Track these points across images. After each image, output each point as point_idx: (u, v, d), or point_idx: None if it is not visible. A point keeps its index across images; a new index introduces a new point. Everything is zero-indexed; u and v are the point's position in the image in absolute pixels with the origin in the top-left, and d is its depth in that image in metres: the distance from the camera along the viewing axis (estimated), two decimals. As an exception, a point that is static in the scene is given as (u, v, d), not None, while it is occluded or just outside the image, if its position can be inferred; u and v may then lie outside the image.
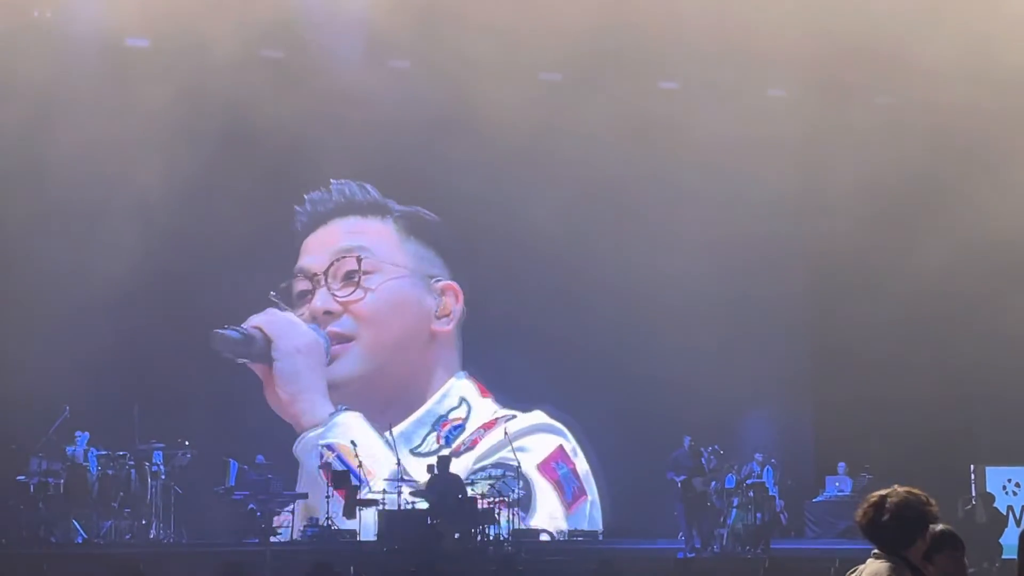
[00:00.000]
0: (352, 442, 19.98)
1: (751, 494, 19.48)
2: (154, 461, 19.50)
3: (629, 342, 21.91)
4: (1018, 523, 20.75)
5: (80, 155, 19.60)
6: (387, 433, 20.92)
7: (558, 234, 21.55)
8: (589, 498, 21.89)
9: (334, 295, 21.77)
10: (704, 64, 21.26)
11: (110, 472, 19.08)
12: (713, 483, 19.51)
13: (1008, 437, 21.10)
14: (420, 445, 21.53)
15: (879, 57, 20.69)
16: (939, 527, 5.11)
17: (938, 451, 20.51)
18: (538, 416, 21.99)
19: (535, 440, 21.85)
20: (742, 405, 22.00)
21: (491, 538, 18.31)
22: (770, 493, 20.29)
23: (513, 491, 19.20)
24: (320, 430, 20.87)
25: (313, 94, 20.44)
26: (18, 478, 18.85)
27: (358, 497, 18.95)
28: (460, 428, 21.93)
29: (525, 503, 20.88)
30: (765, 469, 20.72)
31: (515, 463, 20.21)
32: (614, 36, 20.53)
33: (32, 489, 18.64)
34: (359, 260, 21.88)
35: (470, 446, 21.73)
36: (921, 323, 20.99)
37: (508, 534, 18.72)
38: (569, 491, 21.71)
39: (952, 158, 20.70)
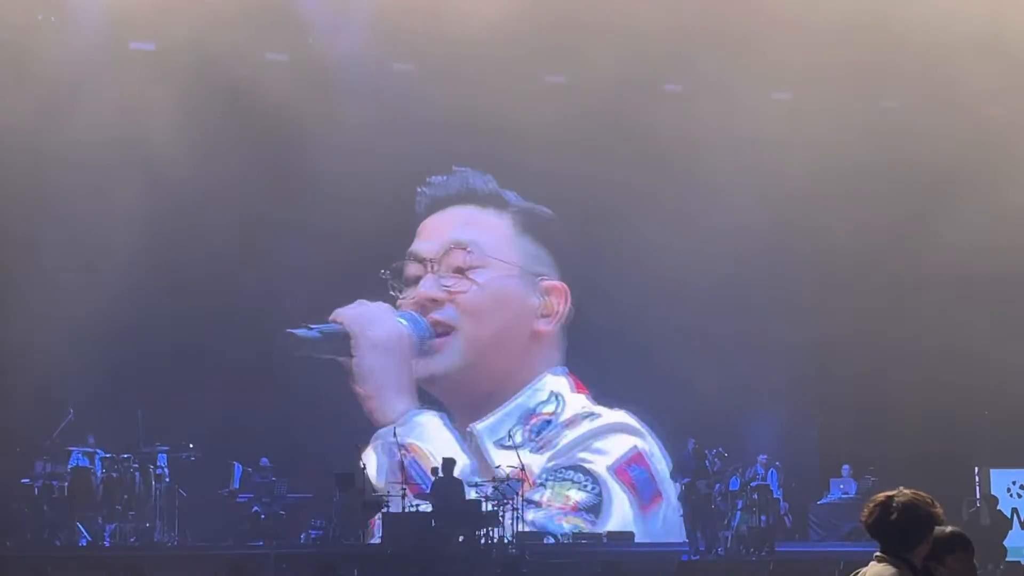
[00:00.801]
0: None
1: (755, 496, 19.47)
2: (158, 464, 19.54)
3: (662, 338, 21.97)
4: (1022, 525, 20.72)
5: (85, 157, 19.65)
6: (470, 429, 21.07)
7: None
8: (664, 500, 21.59)
9: (442, 284, 21.88)
10: (707, 66, 21.27)
11: (114, 475, 19.10)
12: (717, 485, 19.49)
13: (1012, 439, 21.07)
14: (505, 437, 21.52)
15: (883, 59, 20.67)
16: (948, 529, 5.12)
17: (942, 453, 20.47)
18: (619, 416, 21.86)
19: (612, 442, 21.71)
20: (746, 407, 21.98)
21: (495, 541, 18.31)
22: (774, 495, 20.27)
23: (516, 495, 19.17)
24: (397, 428, 20.82)
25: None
26: (23, 481, 18.90)
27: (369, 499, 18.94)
28: (550, 424, 21.85)
29: (596, 507, 20.92)
30: (769, 471, 20.70)
31: (587, 463, 20.23)
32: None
33: (37, 492, 18.69)
34: (470, 254, 21.97)
35: (550, 443, 21.67)
36: (926, 325, 20.95)
37: (512, 537, 18.71)
38: (646, 494, 21.51)
39: (955, 160, 20.68)
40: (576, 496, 21.06)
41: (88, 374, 19.63)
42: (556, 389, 22.06)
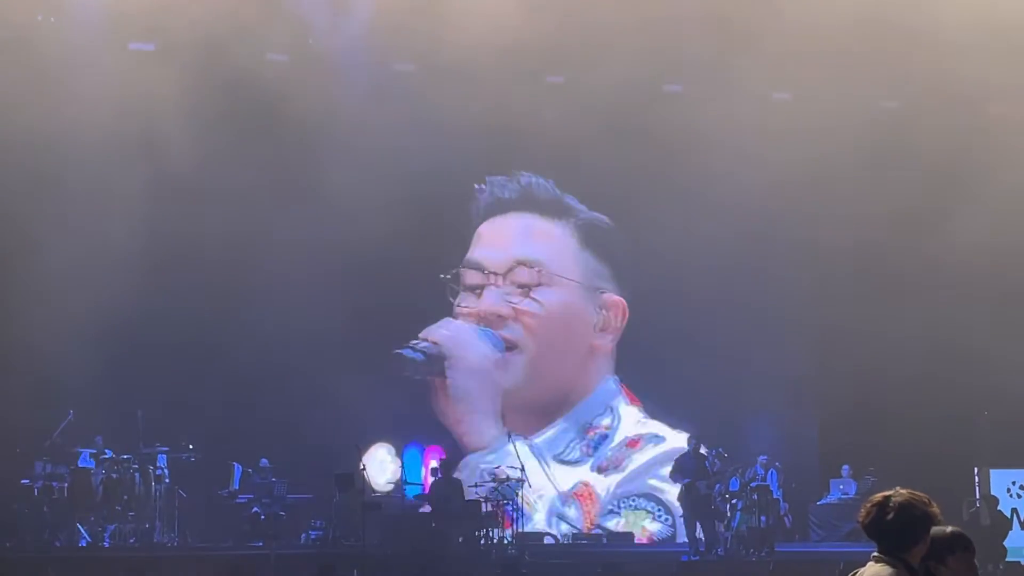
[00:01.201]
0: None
1: (755, 497, 19.45)
2: (158, 464, 19.54)
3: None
4: (1022, 526, 20.72)
5: (85, 157, 19.66)
6: (527, 443, 21.01)
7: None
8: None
9: (507, 300, 21.90)
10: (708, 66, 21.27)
11: (114, 475, 19.10)
12: (717, 486, 19.48)
13: (1012, 440, 21.07)
14: (564, 451, 21.57)
15: (883, 60, 20.67)
16: (949, 529, 5.14)
17: (942, 453, 20.47)
18: (683, 439, 21.41)
19: None
20: (746, 408, 21.98)
21: (495, 541, 18.31)
22: (774, 496, 20.27)
23: (516, 495, 19.17)
24: (488, 455, 20.90)
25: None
26: (22, 482, 18.89)
27: (368, 500, 18.93)
28: (607, 438, 21.87)
29: (671, 538, 20.93)
30: (769, 472, 20.70)
31: (660, 494, 20.23)
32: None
33: (37, 493, 18.68)
34: (538, 273, 21.95)
35: (615, 465, 21.60)
36: (926, 325, 20.94)
37: (511, 537, 18.71)
38: None
39: (955, 159, 20.68)
40: (651, 527, 21.11)
41: (88, 375, 19.61)
42: (610, 401, 22.13)
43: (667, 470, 20.91)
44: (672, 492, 20.62)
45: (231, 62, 19.63)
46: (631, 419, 21.98)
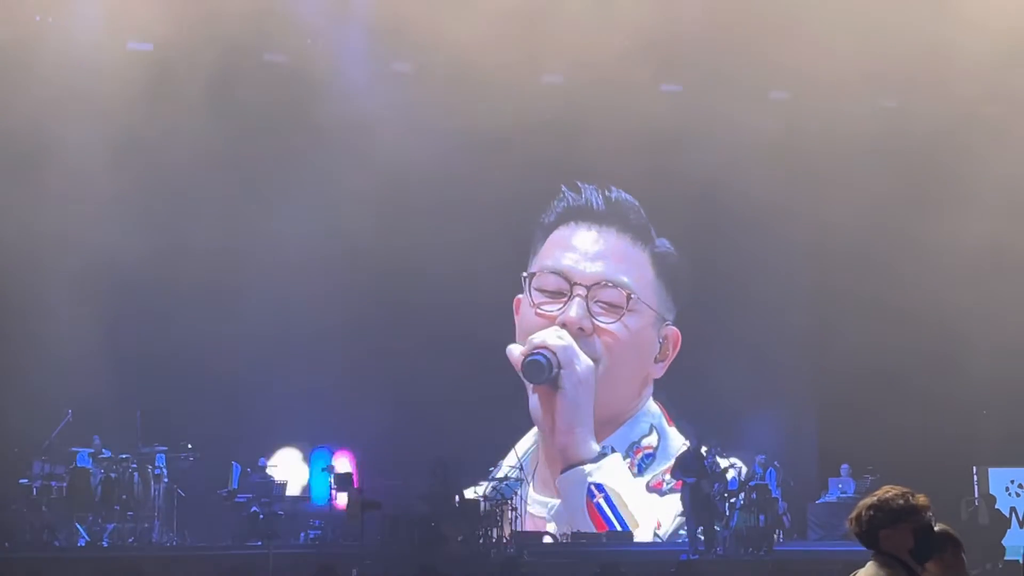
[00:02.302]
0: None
1: (754, 496, 19.47)
2: (157, 464, 19.54)
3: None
4: (1021, 524, 20.73)
5: (83, 158, 19.64)
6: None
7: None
8: None
9: (594, 316, 21.95)
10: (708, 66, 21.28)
11: (113, 475, 19.09)
12: (716, 485, 19.49)
13: (1011, 438, 21.07)
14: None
15: (881, 61, 20.67)
16: (937, 527, 5.11)
17: (941, 452, 20.48)
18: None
19: None
20: (745, 407, 21.98)
21: (494, 541, 18.30)
22: (773, 495, 20.28)
23: (516, 494, 19.17)
24: (589, 467, 21.01)
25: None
26: (21, 481, 18.88)
27: (361, 499, 18.93)
28: (652, 457, 21.99)
29: None
30: (768, 471, 20.71)
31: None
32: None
33: (35, 492, 18.67)
34: (629, 298, 22.06)
35: (675, 487, 20.89)
36: (925, 324, 20.96)
37: (510, 536, 18.70)
38: None
39: (956, 161, 20.69)
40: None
41: (86, 375, 19.59)
42: (653, 421, 22.25)
43: None
44: None
45: (230, 62, 19.63)
46: (676, 440, 22.04)
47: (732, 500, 19.40)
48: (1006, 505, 20.44)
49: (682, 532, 20.37)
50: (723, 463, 19.74)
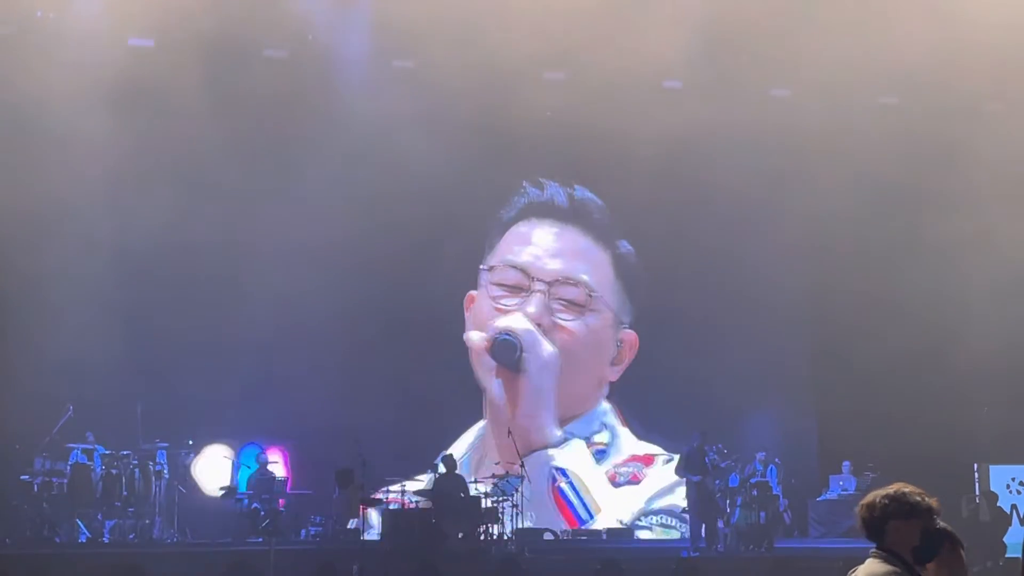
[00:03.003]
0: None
1: (755, 493, 19.47)
2: (158, 460, 19.53)
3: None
4: (1022, 522, 20.73)
5: (84, 154, 19.64)
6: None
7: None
8: None
9: (553, 313, 21.81)
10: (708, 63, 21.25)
11: (114, 471, 19.09)
12: (717, 482, 19.50)
13: (1012, 435, 21.08)
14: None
15: (883, 58, 20.66)
16: (938, 526, 5.12)
17: (942, 449, 20.48)
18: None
19: None
20: (746, 404, 21.98)
21: (495, 537, 18.31)
22: (774, 492, 20.29)
23: (516, 490, 19.16)
24: (552, 451, 20.89)
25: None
26: (22, 478, 18.89)
27: (368, 496, 18.92)
28: (603, 453, 21.88)
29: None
30: (769, 468, 20.72)
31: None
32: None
33: (36, 489, 18.67)
34: (590, 296, 21.94)
35: (630, 479, 21.63)
36: (925, 321, 20.95)
37: (511, 533, 18.71)
38: None
39: (956, 159, 20.68)
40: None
41: (87, 370, 19.60)
42: (606, 420, 22.16)
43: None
44: None
45: (231, 58, 19.63)
46: (628, 439, 22.04)
47: (733, 497, 19.40)
48: (1007, 502, 20.46)
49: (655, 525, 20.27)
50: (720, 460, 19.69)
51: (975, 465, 21.28)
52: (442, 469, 19.02)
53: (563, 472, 21.05)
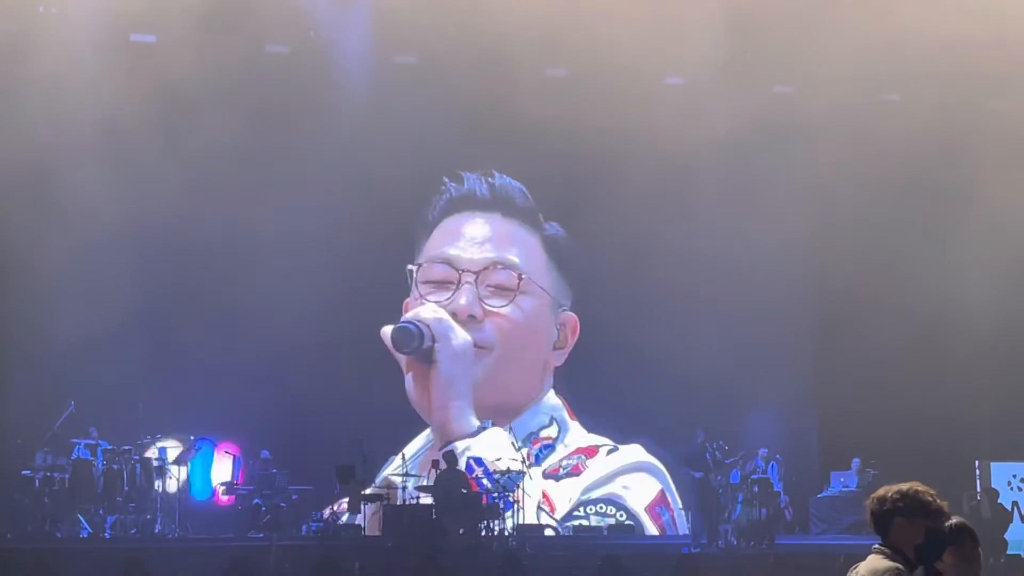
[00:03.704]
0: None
1: (756, 489, 19.48)
2: (159, 456, 19.54)
3: (638, 336, 21.81)
4: (1023, 519, 20.74)
5: (85, 149, 19.64)
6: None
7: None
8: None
9: (484, 301, 21.50)
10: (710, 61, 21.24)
11: (115, 467, 19.11)
12: (719, 478, 19.51)
13: (1013, 432, 21.09)
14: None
15: (887, 54, 20.66)
16: (954, 520, 5.16)
17: (943, 446, 20.49)
18: (638, 452, 21.56)
19: (639, 480, 21.46)
20: (747, 401, 21.99)
21: (496, 533, 18.32)
22: (775, 489, 20.30)
23: (517, 487, 19.17)
24: (468, 442, 20.52)
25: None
26: (23, 472, 18.91)
27: (363, 492, 18.94)
28: (550, 448, 21.58)
29: None
30: (770, 465, 20.73)
31: (624, 500, 20.31)
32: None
33: (37, 484, 18.69)
34: (520, 279, 21.59)
35: (571, 471, 21.41)
36: (926, 319, 20.96)
37: (512, 529, 18.72)
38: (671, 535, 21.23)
39: (959, 156, 20.68)
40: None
41: (89, 366, 19.61)
42: (554, 413, 21.88)
43: (629, 480, 21.12)
44: (634, 500, 20.83)
45: (233, 54, 19.62)
46: (576, 432, 21.80)
47: (734, 493, 19.41)
48: (1008, 499, 20.47)
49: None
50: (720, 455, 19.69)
51: (976, 462, 21.28)
52: (443, 465, 19.03)
53: (479, 461, 20.47)
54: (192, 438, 20.11)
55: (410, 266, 21.66)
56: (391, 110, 20.88)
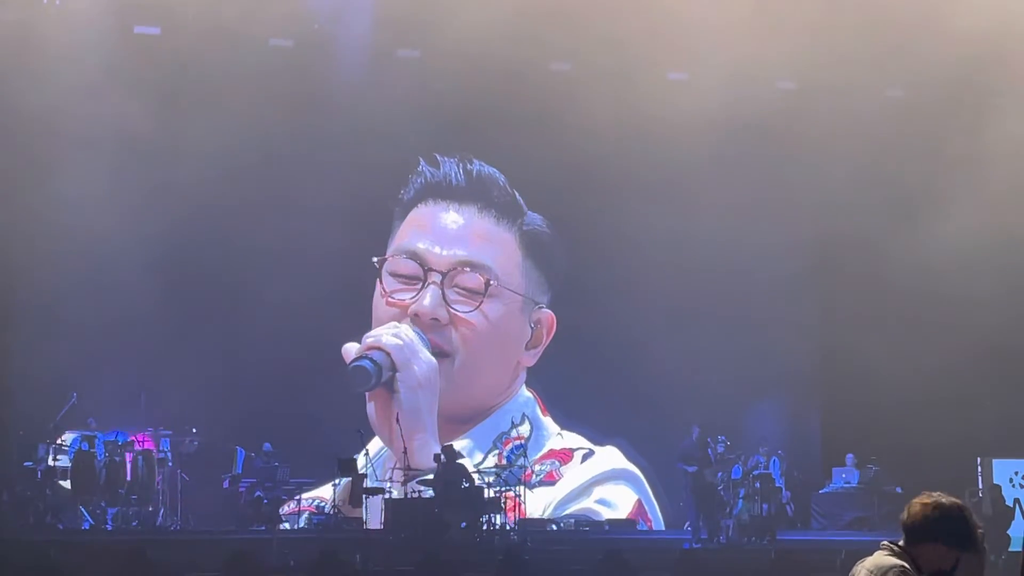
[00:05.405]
0: None
1: (757, 485, 19.49)
2: (161, 448, 19.56)
3: (638, 334, 21.74)
4: (1025, 516, 20.72)
5: (88, 142, 19.64)
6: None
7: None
8: None
9: (450, 305, 20.71)
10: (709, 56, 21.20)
11: (117, 459, 19.12)
12: (719, 474, 19.51)
13: (1015, 429, 21.06)
14: (482, 462, 20.55)
15: (888, 50, 20.62)
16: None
17: (945, 443, 20.47)
18: (615, 458, 21.11)
19: (615, 492, 20.99)
20: (749, 397, 21.97)
21: (497, 527, 18.32)
22: (776, 484, 20.31)
23: (519, 481, 19.18)
24: (429, 477, 19.05)
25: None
26: (25, 464, 18.92)
27: (364, 485, 18.95)
28: (522, 447, 20.97)
29: None
30: (771, 460, 20.73)
31: (600, 518, 20.07)
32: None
33: (39, 476, 18.69)
34: (487, 284, 20.78)
35: (545, 479, 20.88)
36: (928, 316, 20.93)
37: (514, 523, 18.72)
38: None
39: (962, 152, 20.64)
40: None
41: (91, 358, 19.62)
42: (526, 411, 21.36)
43: (605, 493, 20.76)
44: (607, 513, 20.63)
45: (236, 47, 19.60)
46: (549, 430, 21.29)
47: (736, 489, 19.41)
48: (1010, 496, 20.43)
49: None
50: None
51: (978, 459, 21.26)
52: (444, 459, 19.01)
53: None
54: (194, 430, 20.11)
55: (375, 259, 21.00)
56: (394, 104, 20.84)
